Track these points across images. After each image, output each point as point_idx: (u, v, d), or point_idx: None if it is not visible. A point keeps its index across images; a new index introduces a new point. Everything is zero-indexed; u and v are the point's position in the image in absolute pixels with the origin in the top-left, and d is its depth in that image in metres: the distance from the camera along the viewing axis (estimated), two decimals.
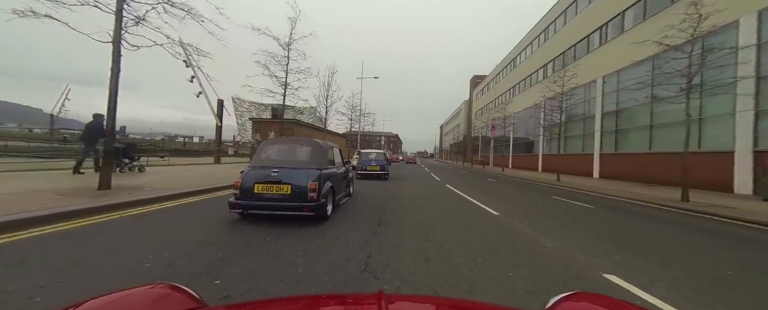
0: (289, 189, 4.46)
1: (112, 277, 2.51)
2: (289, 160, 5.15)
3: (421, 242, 3.91)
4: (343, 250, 3.43)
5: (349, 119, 27.77)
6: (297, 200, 4.45)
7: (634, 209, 7.62)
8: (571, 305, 0.91)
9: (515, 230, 4.84)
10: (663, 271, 3.21)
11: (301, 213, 4.42)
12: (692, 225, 5.90)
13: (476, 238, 4.20)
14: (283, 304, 1.03)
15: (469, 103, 66.09)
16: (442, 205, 6.92)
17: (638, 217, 6.59)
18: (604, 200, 9.19)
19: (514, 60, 37.13)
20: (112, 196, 5.55)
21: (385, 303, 0.74)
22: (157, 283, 0.96)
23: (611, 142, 18.14)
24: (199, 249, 3.28)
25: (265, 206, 4.46)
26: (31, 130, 47.16)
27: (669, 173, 13.84)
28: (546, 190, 11.87)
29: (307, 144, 5.43)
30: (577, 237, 4.54)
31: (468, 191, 10.09)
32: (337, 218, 5.09)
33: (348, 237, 3.97)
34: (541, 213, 6.49)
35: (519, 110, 31.11)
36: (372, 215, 5.55)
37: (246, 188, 4.49)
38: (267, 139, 6.18)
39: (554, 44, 26.37)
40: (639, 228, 5.51)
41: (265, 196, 4.47)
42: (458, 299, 1.96)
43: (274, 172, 4.55)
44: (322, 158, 5.16)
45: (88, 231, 3.80)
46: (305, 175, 4.59)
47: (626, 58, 17.01)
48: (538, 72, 29.33)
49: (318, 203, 4.51)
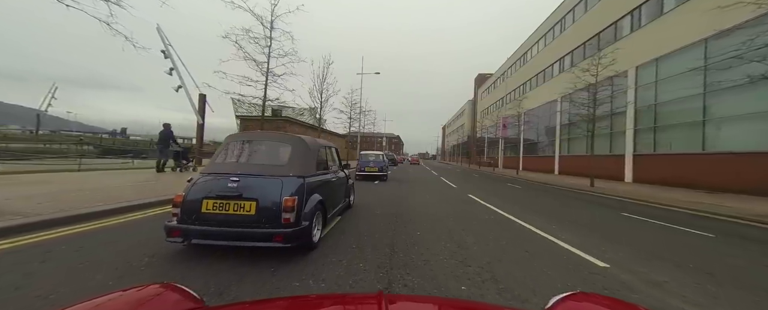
0: (253, 207, 3.01)
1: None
2: (259, 164, 3.58)
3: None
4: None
5: (349, 118, 25.41)
6: (265, 223, 3.00)
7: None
8: (572, 305, 0.92)
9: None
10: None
11: (271, 244, 2.95)
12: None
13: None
14: (283, 304, 1.03)
15: (474, 103, 63.66)
16: (487, 237, 4.31)
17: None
18: (706, 221, 6.42)
19: (524, 55, 34.76)
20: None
21: (386, 303, 0.75)
22: (158, 283, 0.96)
23: (648, 142, 15.74)
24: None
25: (215, 233, 2.97)
26: (35, 131, 45.04)
27: (722, 177, 11.49)
28: (597, 201, 9.38)
29: (287, 142, 3.84)
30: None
31: (501, 204, 7.73)
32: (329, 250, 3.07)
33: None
34: (650, 251, 4.08)
35: (534, 107, 28.68)
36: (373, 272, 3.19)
37: (190, 204, 3.04)
38: (230, 134, 4.28)
39: (575, 33, 23.99)
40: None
41: (218, 217, 3.00)
42: (458, 299, 2.14)
43: (232, 180, 3.09)
44: (306, 161, 3.70)
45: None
46: (278, 186, 3.14)
47: (667, 43, 14.70)
48: (555, 66, 26.95)
49: (297, 228, 3.05)
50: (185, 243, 3.08)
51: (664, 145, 14.84)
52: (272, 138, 4.10)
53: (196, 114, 18.44)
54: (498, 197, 9.05)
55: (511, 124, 27.62)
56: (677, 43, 14.21)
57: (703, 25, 12.93)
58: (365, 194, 8.37)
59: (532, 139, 30.01)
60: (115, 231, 3.97)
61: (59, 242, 3.38)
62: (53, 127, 62.82)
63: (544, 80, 28.85)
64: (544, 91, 28.21)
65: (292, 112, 28.27)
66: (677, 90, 14.08)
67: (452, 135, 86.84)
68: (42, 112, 48.35)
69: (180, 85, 18.33)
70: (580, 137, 21.80)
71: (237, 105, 40.59)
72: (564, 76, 24.54)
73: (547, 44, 29.11)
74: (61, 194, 5.63)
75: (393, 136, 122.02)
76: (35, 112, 46.96)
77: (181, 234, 3.00)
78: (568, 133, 23.81)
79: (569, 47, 24.37)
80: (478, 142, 50.86)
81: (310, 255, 3.23)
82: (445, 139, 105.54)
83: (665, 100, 14.84)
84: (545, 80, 28.61)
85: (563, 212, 6.95)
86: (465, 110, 70.25)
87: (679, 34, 14.15)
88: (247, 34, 9.83)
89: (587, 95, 14.66)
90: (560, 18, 26.37)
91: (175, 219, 3.07)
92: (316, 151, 4.07)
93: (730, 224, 6.27)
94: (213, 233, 2.97)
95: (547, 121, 27.32)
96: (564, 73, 24.89)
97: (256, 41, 9.97)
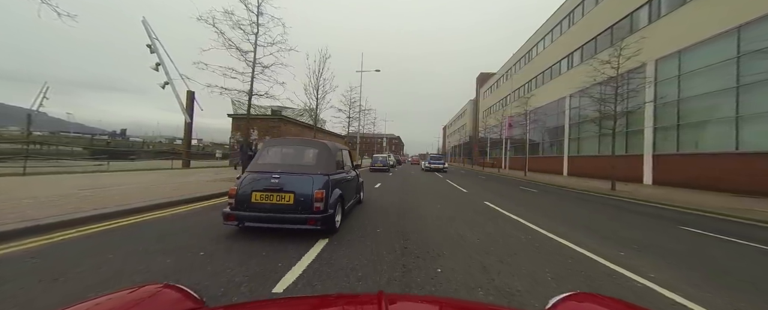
0: (292, 198, 3.85)
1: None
2: (293, 164, 4.42)
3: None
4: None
5: (348, 117, 24.20)
6: (301, 210, 3.83)
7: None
8: (572, 305, 0.92)
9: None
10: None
11: (306, 226, 3.77)
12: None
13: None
14: (283, 304, 1.06)
15: (476, 102, 62.44)
16: (542, 278, 2.93)
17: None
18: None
19: (530, 52, 33.62)
20: None
21: (386, 303, 0.75)
22: (158, 283, 0.95)
23: (671, 141, 14.56)
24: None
25: (263, 217, 3.79)
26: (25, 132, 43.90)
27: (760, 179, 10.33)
28: (635, 209, 8.04)
29: (314, 146, 4.72)
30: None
31: (530, 215, 6.51)
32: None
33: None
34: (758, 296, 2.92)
35: (542, 104, 27.48)
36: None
37: (242, 196, 3.88)
38: (268, 140, 5.25)
39: (585, 27, 22.83)
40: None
41: (265, 206, 3.85)
42: (458, 300, 2.06)
43: (274, 177, 3.94)
44: (330, 161, 4.48)
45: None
46: (310, 182, 3.96)
47: (691, 34, 13.54)
48: (563, 62, 25.79)
49: (325, 214, 3.85)
50: (239, 225, 3.89)
51: (690, 145, 13.65)
52: (301, 143, 4.97)
53: (183, 113, 17.32)
54: (520, 205, 7.75)
55: (517, 123, 26.42)
56: (703, 34, 13.07)
57: (734, 13, 11.80)
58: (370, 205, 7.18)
59: (539, 139, 28.81)
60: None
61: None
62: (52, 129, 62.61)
63: (551, 77, 27.69)
64: (551, 89, 27.04)
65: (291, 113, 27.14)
66: (705, 84, 12.92)
67: (453, 135, 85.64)
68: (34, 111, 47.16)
69: (167, 82, 17.22)
70: (590, 137, 20.64)
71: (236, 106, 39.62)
72: (573, 72, 23.40)
73: (554, 40, 27.95)
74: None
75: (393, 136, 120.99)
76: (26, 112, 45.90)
77: (235, 219, 3.81)
78: (577, 132, 22.64)
79: (579, 42, 23.20)
80: (480, 143, 49.67)
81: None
82: (445, 140, 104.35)
83: (690, 95, 13.67)
84: (553, 77, 27.44)
85: (613, 227, 5.56)
86: (466, 110, 68.98)
87: (706, 23, 13.01)
88: (229, 17, 8.65)
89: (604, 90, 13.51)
90: (569, 12, 25.21)
91: (229, 207, 3.88)
92: (335, 154, 4.75)
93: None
94: (261, 217, 3.77)
95: (554, 120, 26.13)
96: (573, 69, 23.74)
97: (240, 27, 8.77)
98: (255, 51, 9.10)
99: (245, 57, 9.02)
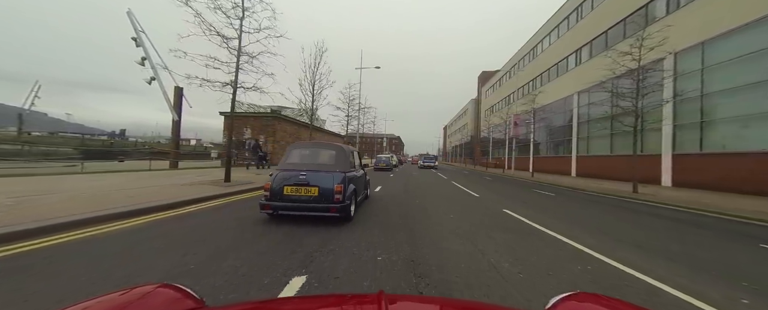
0: (317, 191, 4.66)
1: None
2: (315, 163, 5.25)
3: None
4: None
5: (346, 115, 23.15)
6: (324, 201, 4.62)
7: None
8: (572, 305, 0.90)
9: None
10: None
11: (328, 214, 4.60)
12: None
13: None
14: (283, 304, 1.07)
15: (477, 101, 61.38)
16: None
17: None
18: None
19: (534, 48, 32.60)
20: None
21: (386, 303, 0.74)
22: (158, 283, 0.93)
23: (693, 140, 13.55)
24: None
25: (294, 207, 4.64)
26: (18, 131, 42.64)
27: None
28: (678, 217, 6.97)
29: (332, 148, 5.58)
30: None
31: (574, 232, 5.45)
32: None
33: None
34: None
35: (548, 102, 26.44)
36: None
37: (276, 189, 4.71)
38: (294, 143, 5.97)
39: (595, 21, 21.80)
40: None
41: (294, 197, 4.67)
42: (458, 299, 2.06)
43: (302, 174, 4.73)
44: (345, 161, 5.30)
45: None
46: (331, 178, 4.76)
47: (716, 24, 12.55)
48: (570, 59, 24.77)
49: (343, 204, 4.65)
50: (274, 213, 4.81)
51: (715, 144, 12.64)
52: (321, 146, 5.82)
53: (171, 110, 16.28)
54: (545, 214, 6.61)
55: (524, 122, 25.39)
56: (730, 24, 12.07)
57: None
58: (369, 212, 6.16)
59: (545, 138, 27.79)
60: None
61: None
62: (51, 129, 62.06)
63: (558, 74, 26.66)
64: (557, 86, 26.02)
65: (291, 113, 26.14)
66: (733, 78, 11.91)
67: (455, 135, 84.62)
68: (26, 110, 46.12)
69: (153, 77, 16.21)
70: (601, 136, 19.64)
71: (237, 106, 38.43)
72: (582, 68, 22.39)
73: (560, 36, 26.93)
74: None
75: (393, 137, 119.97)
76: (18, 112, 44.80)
77: (270, 208, 4.72)
78: (587, 131, 21.62)
79: (588, 37, 22.17)
80: (482, 142, 48.64)
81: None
82: (446, 140, 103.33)
83: (715, 90, 12.66)
84: (559, 74, 26.42)
85: (688, 250, 4.25)
86: (468, 110, 67.92)
87: (732, 12, 12.02)
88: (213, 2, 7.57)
89: (622, 84, 12.49)
90: (577, 5, 24.16)
91: (264, 198, 4.79)
92: (349, 154, 5.66)
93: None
94: (292, 207, 4.67)
95: (561, 119, 25.10)
96: (582, 65, 22.74)
97: (221, 10, 7.72)
98: (240, 38, 8.08)
99: (229, 44, 8.02)
